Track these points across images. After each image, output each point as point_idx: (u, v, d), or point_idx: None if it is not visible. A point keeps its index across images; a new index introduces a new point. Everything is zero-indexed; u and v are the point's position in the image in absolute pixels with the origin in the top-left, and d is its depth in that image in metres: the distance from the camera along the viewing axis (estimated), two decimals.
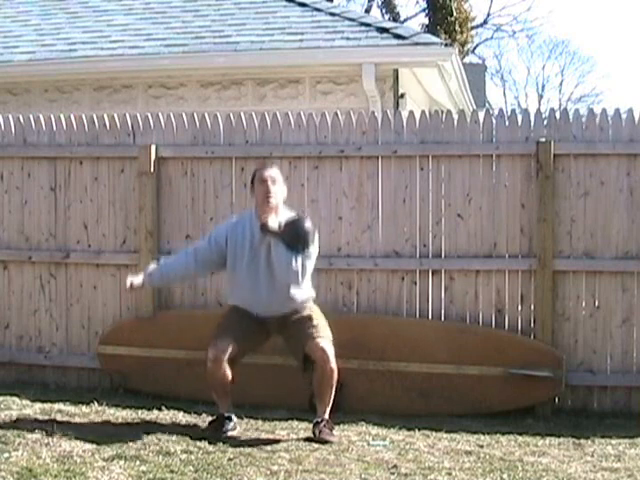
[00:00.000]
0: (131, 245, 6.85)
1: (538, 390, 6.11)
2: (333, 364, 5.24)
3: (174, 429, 5.42)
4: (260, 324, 5.38)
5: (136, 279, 5.51)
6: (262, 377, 6.09)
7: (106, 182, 6.92)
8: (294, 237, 5.17)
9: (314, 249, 5.30)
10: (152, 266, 5.63)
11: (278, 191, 5.34)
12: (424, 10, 25.83)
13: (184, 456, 4.72)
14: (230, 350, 5.25)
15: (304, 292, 5.36)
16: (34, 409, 5.84)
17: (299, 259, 5.16)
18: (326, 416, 5.30)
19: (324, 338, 5.28)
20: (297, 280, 5.21)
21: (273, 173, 5.37)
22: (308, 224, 5.26)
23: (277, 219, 5.27)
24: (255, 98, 9.35)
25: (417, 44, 8.95)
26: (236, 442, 5.07)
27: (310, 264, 5.27)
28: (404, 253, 6.51)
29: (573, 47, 61.03)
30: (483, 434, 5.54)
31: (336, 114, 6.63)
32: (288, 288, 5.27)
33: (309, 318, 5.35)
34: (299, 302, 5.35)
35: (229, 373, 5.28)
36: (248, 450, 4.90)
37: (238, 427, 5.40)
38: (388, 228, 6.53)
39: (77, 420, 5.61)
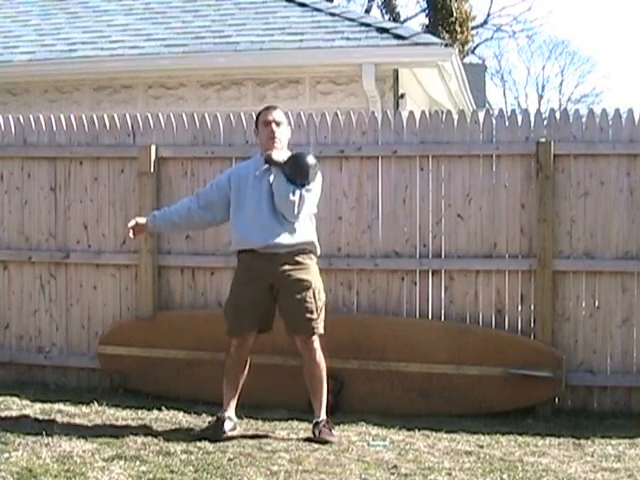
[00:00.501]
0: (131, 245, 6.84)
1: (538, 390, 6.11)
2: (318, 357, 5.24)
3: (174, 429, 5.42)
4: (265, 279, 5.27)
5: (140, 219, 5.54)
6: (262, 377, 6.08)
7: (106, 182, 6.93)
8: (295, 169, 5.19)
9: (315, 184, 5.30)
10: (156, 211, 5.66)
11: (283, 133, 5.35)
12: (424, 10, 25.84)
13: (184, 456, 4.72)
14: (252, 334, 5.29)
15: (306, 231, 5.30)
16: (34, 409, 5.84)
17: (297, 191, 5.17)
18: (325, 416, 5.30)
19: (311, 326, 5.22)
20: (293, 212, 5.18)
21: (277, 115, 5.35)
22: (310, 158, 5.27)
23: (281, 154, 5.29)
24: (255, 98, 9.35)
25: (417, 44, 8.96)
26: (236, 442, 5.07)
27: (309, 198, 5.25)
28: (404, 253, 6.51)
29: (573, 47, 61.08)
30: (483, 434, 5.54)
31: (336, 114, 6.63)
32: (289, 223, 5.24)
33: (307, 287, 5.25)
34: (300, 240, 5.27)
35: (246, 362, 5.31)
36: (248, 450, 4.90)
37: (238, 427, 5.40)
38: (388, 228, 6.53)
39: (77, 420, 5.61)
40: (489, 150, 6.42)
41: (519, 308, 6.36)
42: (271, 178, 5.27)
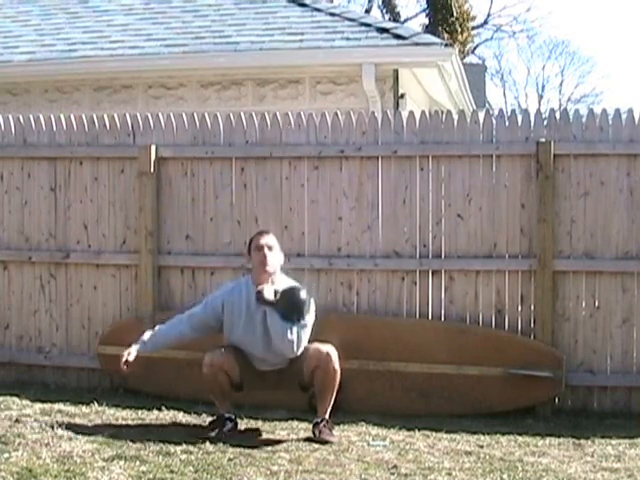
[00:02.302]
0: (131, 245, 6.85)
1: (538, 390, 6.11)
2: (336, 365, 5.25)
3: (174, 429, 5.42)
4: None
5: (132, 351, 5.41)
6: (262, 377, 6.07)
7: (106, 182, 6.93)
8: (289, 307, 5.18)
9: (310, 318, 5.29)
10: (147, 334, 5.54)
11: (274, 258, 5.36)
12: (424, 10, 25.86)
13: (184, 456, 4.72)
14: (226, 357, 5.29)
15: (301, 348, 5.30)
16: (34, 409, 5.84)
17: (294, 329, 5.18)
18: (326, 416, 5.30)
19: (324, 344, 5.30)
20: (292, 350, 5.22)
21: (269, 240, 5.39)
22: (303, 294, 5.27)
23: (273, 287, 5.28)
24: (255, 98, 9.36)
25: (417, 44, 8.95)
26: (236, 442, 5.07)
27: (305, 334, 5.27)
28: (404, 253, 6.51)
29: (573, 47, 61.05)
30: (483, 434, 5.54)
31: (336, 114, 6.63)
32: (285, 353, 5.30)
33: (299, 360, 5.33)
34: (297, 354, 5.31)
35: (226, 378, 5.31)
36: (248, 450, 4.90)
37: (238, 427, 5.40)
38: (388, 228, 6.53)
39: (77, 420, 5.61)
40: (489, 150, 6.42)
41: (519, 308, 6.36)
42: (265, 314, 5.24)
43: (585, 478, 4.58)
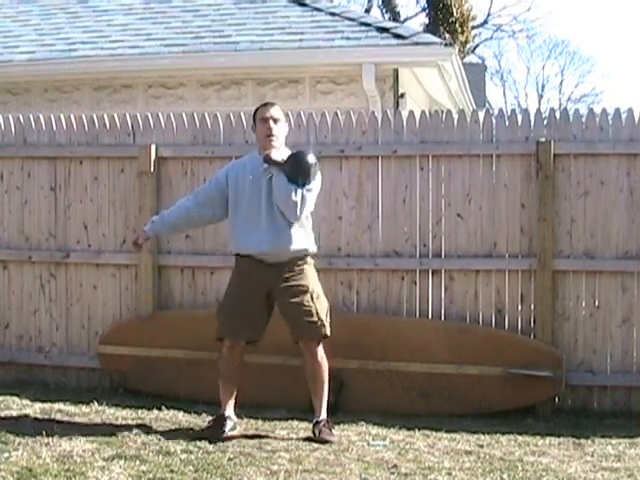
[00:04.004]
0: (131, 245, 6.83)
1: (538, 390, 6.11)
2: (320, 358, 5.24)
3: (174, 429, 5.42)
4: (262, 288, 5.27)
5: (140, 233, 5.49)
6: (262, 377, 6.08)
7: (106, 182, 6.93)
8: (296, 169, 5.13)
9: (315, 183, 5.26)
10: (155, 216, 5.64)
11: (280, 130, 5.30)
12: (424, 10, 25.84)
13: (184, 456, 4.72)
14: (245, 335, 5.28)
15: (303, 236, 5.28)
16: (34, 409, 5.84)
17: (299, 191, 5.13)
18: (325, 415, 5.30)
19: (313, 330, 5.23)
20: (295, 212, 5.14)
21: (275, 111, 5.30)
22: (311, 157, 5.22)
23: (280, 153, 5.24)
24: (255, 98, 9.33)
25: (417, 44, 8.95)
26: (236, 442, 5.07)
27: (310, 198, 5.22)
28: (404, 253, 6.51)
29: (573, 47, 61.04)
30: (483, 434, 5.54)
31: (336, 114, 6.63)
32: (288, 224, 5.20)
33: (304, 292, 5.24)
34: (297, 247, 5.24)
35: (240, 365, 5.31)
36: (248, 450, 4.90)
37: (238, 427, 5.40)
38: (388, 228, 6.53)
39: (77, 420, 5.61)
40: (489, 150, 6.42)
41: (519, 308, 6.36)
42: (271, 179, 5.22)
43: (585, 478, 4.58)
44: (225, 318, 5.34)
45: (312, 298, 5.26)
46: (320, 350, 5.27)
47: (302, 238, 5.27)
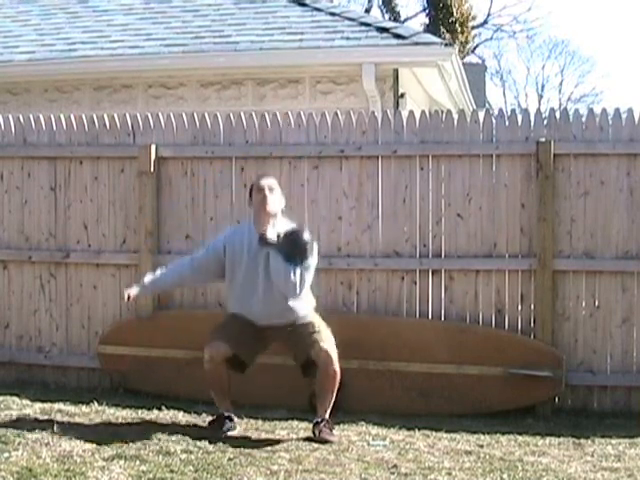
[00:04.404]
0: (131, 245, 6.85)
1: (538, 390, 6.11)
2: (336, 366, 5.24)
3: (174, 429, 5.42)
4: (259, 330, 5.36)
5: (133, 290, 5.48)
6: (262, 377, 6.08)
7: (106, 182, 6.93)
8: (292, 249, 5.15)
9: (313, 260, 5.27)
10: (148, 276, 5.60)
11: (276, 200, 5.32)
12: (424, 10, 25.84)
13: (184, 456, 4.72)
14: (225, 350, 5.27)
15: (303, 304, 5.33)
16: (34, 409, 5.84)
17: (297, 271, 5.15)
18: (326, 416, 5.30)
19: (326, 341, 5.27)
20: (295, 292, 5.19)
21: (270, 182, 5.36)
22: (307, 235, 5.24)
23: (275, 230, 5.25)
24: (255, 98, 9.35)
25: (417, 44, 8.95)
26: (236, 442, 5.07)
27: (309, 275, 5.24)
28: (404, 253, 6.51)
29: (573, 47, 61.01)
30: (483, 434, 5.54)
31: (336, 114, 6.63)
32: (287, 299, 5.25)
33: (310, 325, 5.32)
34: (298, 315, 5.32)
35: (226, 373, 5.29)
36: (248, 450, 4.90)
37: (238, 427, 5.40)
38: (388, 228, 6.53)
39: (77, 420, 5.61)
40: (489, 150, 6.42)
41: (519, 308, 6.36)
42: (268, 258, 5.22)
43: (585, 478, 4.58)
44: (217, 331, 5.38)
45: (316, 327, 5.31)
46: (335, 357, 5.25)
47: (300, 306, 5.31)
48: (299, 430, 5.46)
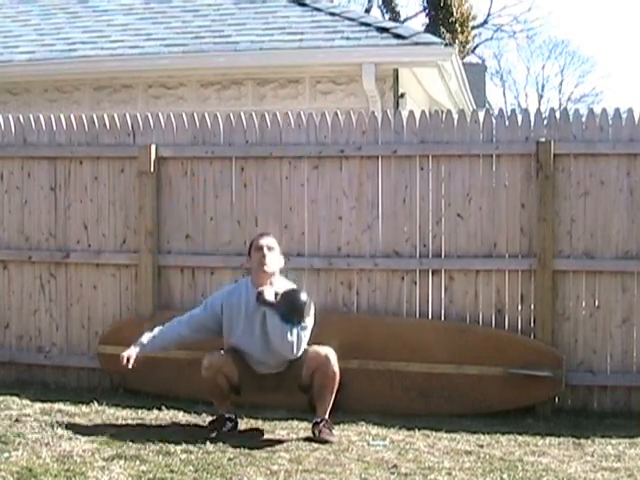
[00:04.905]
0: (131, 245, 6.85)
1: (538, 390, 6.11)
2: (335, 367, 5.25)
3: (174, 429, 5.42)
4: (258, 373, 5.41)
5: (131, 351, 5.42)
6: (261, 380, 6.07)
7: (106, 182, 6.93)
8: (290, 309, 5.16)
9: (310, 320, 5.27)
10: (146, 336, 5.53)
11: (274, 258, 5.34)
12: (424, 10, 25.84)
13: (184, 456, 4.72)
14: (225, 359, 5.29)
15: (300, 350, 5.29)
16: (34, 409, 5.84)
17: (294, 331, 5.17)
18: (326, 416, 5.30)
19: (322, 347, 5.29)
20: (292, 352, 5.20)
21: (269, 241, 5.39)
22: (304, 296, 5.26)
23: (273, 289, 5.27)
24: (255, 98, 9.35)
25: (417, 44, 8.95)
26: (236, 442, 5.07)
27: (306, 335, 5.25)
28: (404, 253, 6.51)
29: (573, 47, 61.02)
30: (483, 434, 5.54)
31: (336, 114, 6.62)
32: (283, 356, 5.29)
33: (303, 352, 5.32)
34: (296, 358, 5.30)
35: (225, 380, 5.30)
36: (248, 450, 4.90)
37: (238, 427, 5.40)
38: (388, 228, 6.53)
39: (77, 420, 5.61)
40: (489, 150, 6.42)
41: (519, 308, 6.36)
42: (265, 316, 5.23)
43: (585, 478, 4.58)
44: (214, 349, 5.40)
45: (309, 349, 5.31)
46: (335, 358, 5.25)
47: (299, 351, 5.27)
48: (299, 430, 5.47)
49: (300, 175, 6.62)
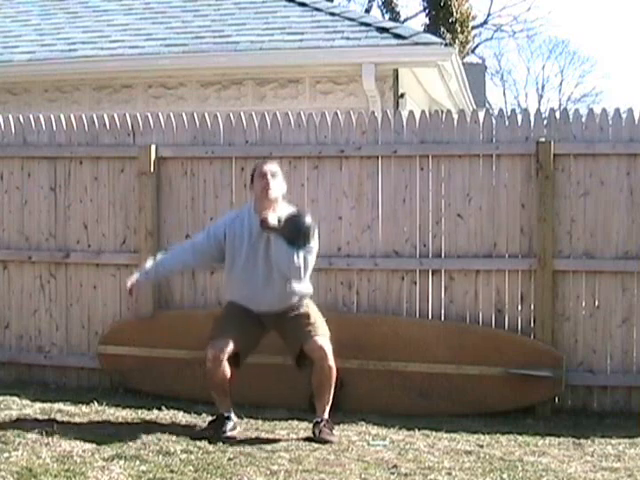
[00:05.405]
0: (131, 245, 6.85)
1: (538, 390, 6.11)
2: (331, 362, 5.24)
3: (174, 429, 5.42)
4: (257, 320, 5.36)
5: (134, 278, 5.47)
6: (262, 377, 6.08)
7: (106, 182, 6.93)
8: (294, 233, 5.14)
9: (315, 244, 5.28)
10: (149, 263, 5.59)
11: (277, 185, 5.32)
12: (424, 10, 25.83)
13: (184, 456, 4.72)
14: (229, 349, 5.25)
15: (302, 289, 5.33)
16: (34, 409, 5.84)
17: (301, 254, 5.15)
18: (326, 416, 5.30)
19: (322, 336, 5.27)
20: (299, 275, 5.19)
21: (272, 167, 5.36)
22: (308, 219, 5.23)
23: (276, 214, 5.24)
24: (255, 98, 9.36)
25: (417, 44, 8.95)
26: (236, 442, 5.07)
27: (312, 259, 5.25)
28: (404, 253, 6.51)
29: (573, 47, 61.09)
30: (483, 434, 5.54)
31: (336, 114, 6.63)
32: (286, 283, 5.25)
33: (306, 316, 5.33)
34: (297, 299, 5.33)
35: (228, 373, 5.27)
36: (248, 450, 4.90)
37: (238, 427, 5.40)
38: (388, 228, 6.53)
39: (77, 420, 5.61)
40: (489, 150, 6.42)
41: (519, 308, 6.36)
42: (268, 240, 5.23)
43: (585, 478, 4.58)
44: (217, 330, 5.35)
45: (312, 319, 5.31)
46: (330, 351, 5.25)
47: (300, 290, 5.32)
48: (299, 430, 5.47)
49: (300, 175, 6.62)
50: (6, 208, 7.10)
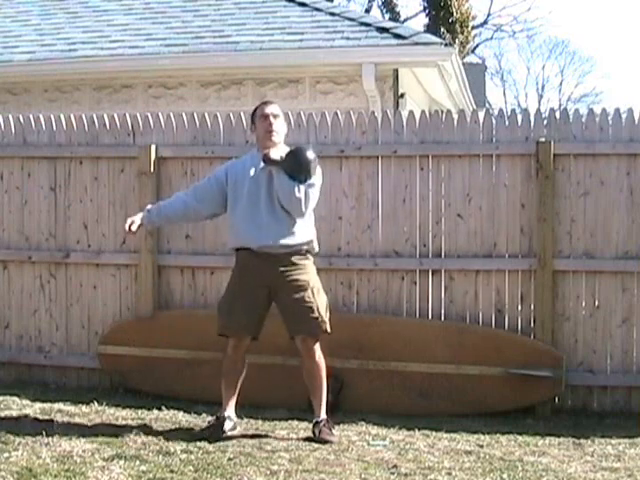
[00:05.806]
0: (131, 245, 6.84)
1: (538, 390, 6.11)
2: (318, 358, 5.24)
3: (174, 429, 5.42)
4: (261, 281, 5.26)
5: (136, 219, 5.44)
6: (262, 377, 6.08)
7: (106, 182, 6.93)
8: (296, 166, 5.14)
9: (317, 179, 5.27)
10: (150, 205, 5.58)
11: (280, 126, 5.32)
12: (424, 10, 25.83)
13: (184, 456, 4.72)
14: (247, 338, 5.27)
15: (304, 231, 5.28)
16: (34, 409, 5.84)
17: (302, 188, 5.15)
18: (324, 415, 5.29)
19: (313, 326, 5.23)
20: (300, 209, 5.16)
21: (275, 108, 5.34)
22: (310, 153, 5.22)
23: (279, 152, 5.24)
24: (255, 98, 9.32)
25: (417, 44, 8.96)
26: (236, 442, 5.07)
27: (313, 193, 5.23)
28: (404, 253, 6.51)
29: (573, 47, 61.06)
30: (483, 434, 5.54)
31: (336, 114, 6.62)
32: (289, 220, 5.21)
33: (304, 287, 5.24)
34: (297, 241, 5.25)
35: (243, 365, 5.30)
36: (248, 450, 4.90)
37: (238, 427, 5.40)
38: (388, 228, 6.53)
39: (77, 420, 5.61)
40: (489, 150, 6.42)
41: (519, 308, 6.36)
42: (271, 176, 5.22)
43: (585, 478, 4.58)
44: (225, 315, 5.33)
45: (313, 294, 5.26)
46: (317, 349, 5.27)
47: (303, 232, 5.28)
48: (299, 430, 5.46)
49: None
50: (6, 208, 7.10)
